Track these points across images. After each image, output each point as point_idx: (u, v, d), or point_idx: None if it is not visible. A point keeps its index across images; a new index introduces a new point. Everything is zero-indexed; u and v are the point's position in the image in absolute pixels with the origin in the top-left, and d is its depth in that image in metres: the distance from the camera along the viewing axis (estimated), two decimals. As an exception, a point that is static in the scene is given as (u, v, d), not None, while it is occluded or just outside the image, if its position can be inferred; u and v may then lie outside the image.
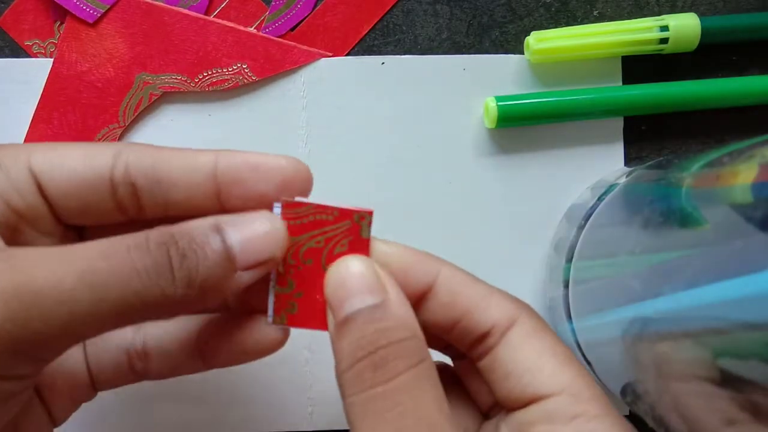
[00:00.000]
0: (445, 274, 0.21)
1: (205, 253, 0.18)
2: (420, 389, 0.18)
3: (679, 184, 0.24)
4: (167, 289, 0.17)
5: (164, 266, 0.17)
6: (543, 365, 0.20)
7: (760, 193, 0.20)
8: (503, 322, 0.20)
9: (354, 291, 0.19)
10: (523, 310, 0.21)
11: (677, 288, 0.21)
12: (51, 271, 0.16)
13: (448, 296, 0.21)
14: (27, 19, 0.30)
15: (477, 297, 0.21)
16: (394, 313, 0.19)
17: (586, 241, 0.28)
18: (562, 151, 0.32)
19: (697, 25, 0.30)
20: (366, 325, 0.18)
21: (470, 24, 0.32)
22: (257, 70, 0.31)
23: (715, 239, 0.21)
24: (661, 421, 0.24)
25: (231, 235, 0.18)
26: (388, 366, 0.18)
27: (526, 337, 0.20)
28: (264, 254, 0.19)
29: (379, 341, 0.18)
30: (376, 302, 0.19)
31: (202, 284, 0.17)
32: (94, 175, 0.19)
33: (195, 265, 0.17)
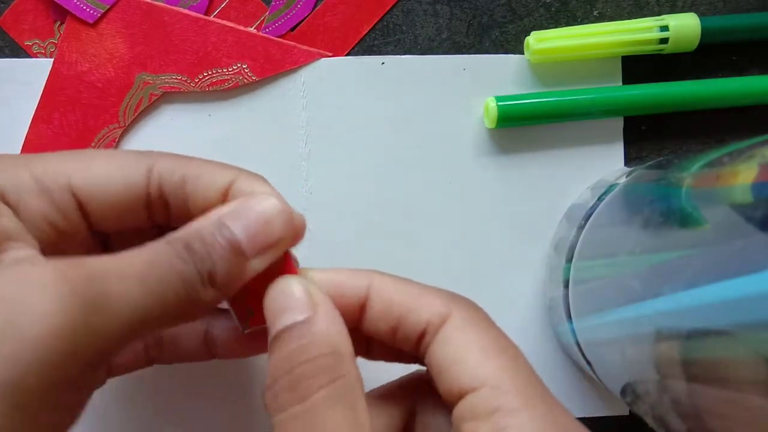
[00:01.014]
0: (376, 283, 0.21)
1: (218, 252, 0.18)
2: (333, 408, 0.18)
3: (679, 184, 0.24)
4: (199, 289, 0.18)
5: (194, 270, 0.18)
6: (467, 358, 0.19)
7: (760, 193, 0.20)
8: (435, 319, 0.20)
9: (284, 308, 0.19)
10: (455, 305, 0.21)
11: (677, 288, 0.21)
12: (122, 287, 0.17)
13: (382, 304, 0.21)
14: (27, 19, 0.30)
15: (409, 299, 0.21)
16: (316, 330, 0.19)
17: (586, 241, 0.28)
18: (562, 151, 0.32)
19: (697, 25, 0.30)
20: (289, 342, 0.19)
21: (470, 24, 0.32)
22: (257, 70, 0.31)
23: (715, 239, 0.21)
24: (661, 421, 0.24)
25: (234, 227, 0.19)
26: (305, 383, 0.18)
27: (456, 331, 0.20)
28: (271, 238, 0.19)
29: (298, 358, 0.18)
30: (301, 319, 0.19)
31: (223, 280, 0.18)
32: (130, 192, 0.20)
33: (213, 266, 0.18)
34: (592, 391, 0.32)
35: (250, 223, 0.19)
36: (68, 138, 0.30)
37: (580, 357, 0.29)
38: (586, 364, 0.29)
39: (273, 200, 0.20)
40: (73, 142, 0.30)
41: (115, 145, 0.30)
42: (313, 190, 0.31)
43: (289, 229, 0.20)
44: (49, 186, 0.19)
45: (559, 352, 0.32)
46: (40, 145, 0.30)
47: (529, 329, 0.32)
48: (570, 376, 0.32)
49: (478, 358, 0.19)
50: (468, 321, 0.20)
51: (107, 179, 0.20)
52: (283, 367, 0.18)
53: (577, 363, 0.31)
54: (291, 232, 0.20)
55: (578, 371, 0.32)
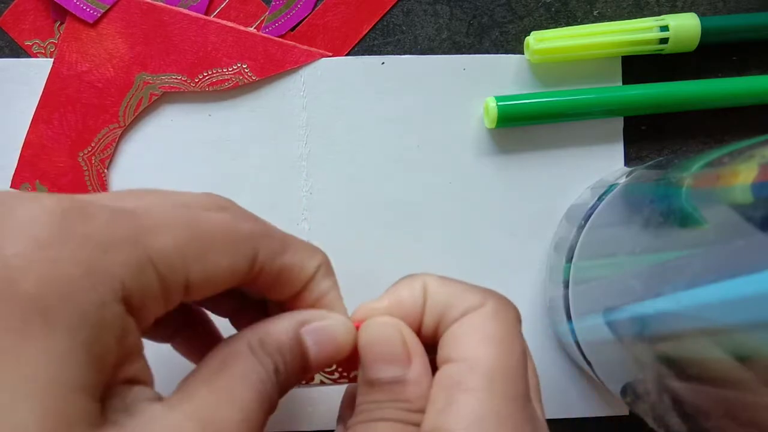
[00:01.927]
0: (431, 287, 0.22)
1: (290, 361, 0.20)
2: None
3: (679, 184, 0.24)
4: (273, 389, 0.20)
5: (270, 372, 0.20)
6: (468, 337, 0.21)
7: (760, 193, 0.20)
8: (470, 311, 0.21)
9: (382, 357, 0.21)
10: (490, 298, 0.22)
11: (677, 288, 0.21)
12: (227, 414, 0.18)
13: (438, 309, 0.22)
14: (27, 19, 0.30)
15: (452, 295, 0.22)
16: (411, 392, 0.20)
17: (586, 241, 0.28)
18: (562, 151, 0.32)
19: (697, 25, 0.30)
20: (385, 395, 0.20)
21: (470, 24, 0.32)
22: (257, 70, 0.31)
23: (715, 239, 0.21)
24: (661, 421, 0.24)
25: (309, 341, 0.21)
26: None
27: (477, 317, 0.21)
28: (335, 359, 0.21)
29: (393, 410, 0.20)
30: (397, 377, 0.21)
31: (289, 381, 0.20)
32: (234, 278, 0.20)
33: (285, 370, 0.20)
34: (592, 391, 0.32)
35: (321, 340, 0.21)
36: (68, 138, 0.30)
37: (580, 357, 0.29)
38: (586, 364, 0.29)
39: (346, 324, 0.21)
40: (73, 142, 0.30)
41: (115, 145, 0.30)
42: (313, 190, 0.31)
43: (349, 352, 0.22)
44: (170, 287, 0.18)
45: (559, 352, 0.32)
46: (40, 144, 0.30)
47: (529, 329, 0.32)
48: (570, 376, 0.32)
49: (475, 339, 0.20)
50: (491, 313, 0.21)
51: (217, 270, 0.19)
52: (378, 413, 0.20)
53: (577, 363, 0.31)
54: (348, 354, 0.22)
55: (578, 371, 0.32)
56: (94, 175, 0.30)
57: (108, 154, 0.30)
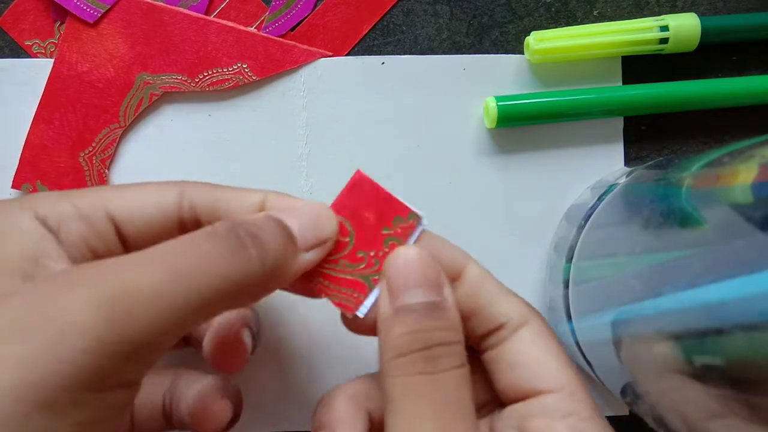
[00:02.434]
0: (472, 266, 0.22)
1: (270, 233, 0.19)
2: (459, 387, 0.20)
3: (679, 184, 0.24)
4: (247, 265, 0.18)
5: (239, 246, 0.18)
6: (548, 362, 0.21)
7: (760, 193, 0.20)
8: (517, 319, 0.22)
9: (415, 282, 0.20)
10: (535, 314, 0.22)
11: (677, 288, 0.21)
12: (140, 273, 0.17)
13: (474, 287, 0.22)
14: (27, 19, 0.30)
15: (497, 292, 0.22)
16: (450, 317, 0.20)
17: (586, 241, 0.28)
18: (562, 151, 0.32)
19: (697, 25, 0.30)
20: (424, 321, 0.20)
21: (470, 24, 0.32)
22: (257, 69, 0.31)
23: (715, 239, 0.21)
24: (661, 421, 0.24)
25: (287, 220, 0.20)
26: (439, 361, 0.19)
27: (536, 336, 0.21)
28: (320, 236, 0.21)
29: (434, 339, 0.20)
30: (435, 300, 0.20)
31: (274, 262, 0.19)
32: (164, 215, 0.21)
33: (266, 242, 0.19)
34: (592, 391, 0.32)
35: (302, 219, 0.20)
36: (69, 138, 0.30)
37: (580, 357, 0.29)
38: (586, 364, 0.29)
39: (322, 204, 0.21)
40: (73, 142, 0.30)
41: (116, 145, 0.30)
42: (313, 190, 0.31)
43: (333, 231, 0.21)
44: (88, 212, 0.20)
45: (559, 352, 0.32)
46: (41, 145, 0.30)
47: (529, 329, 0.32)
48: (570, 376, 0.32)
49: (557, 365, 0.21)
50: (545, 331, 0.22)
51: (141, 203, 0.20)
52: (422, 341, 0.19)
53: (577, 363, 0.31)
54: (335, 235, 0.21)
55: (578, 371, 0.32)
56: (95, 175, 0.30)
57: (109, 154, 0.30)
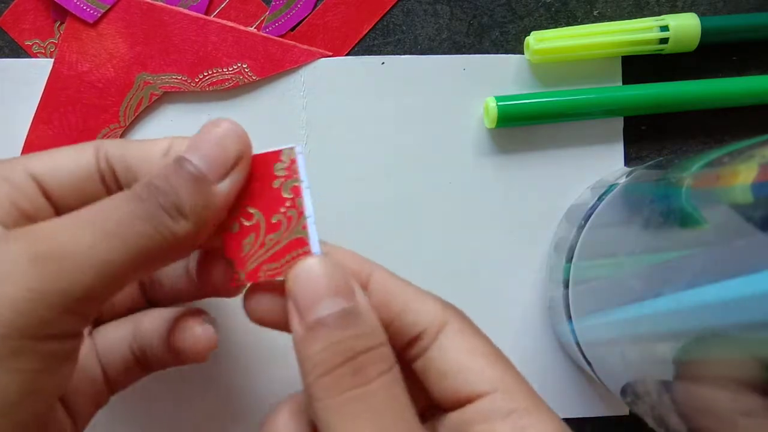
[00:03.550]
0: (379, 274, 0.21)
1: (178, 182, 0.19)
2: (394, 392, 0.19)
3: (679, 184, 0.24)
4: (167, 222, 0.19)
5: (155, 204, 0.19)
6: (475, 365, 0.20)
7: (760, 193, 0.20)
8: (435, 324, 0.21)
9: (322, 293, 0.19)
10: (452, 312, 0.21)
11: (677, 288, 0.21)
12: (69, 234, 0.18)
13: (382, 296, 0.21)
14: (27, 19, 0.30)
15: (408, 299, 0.21)
16: (368, 320, 0.19)
17: (586, 241, 0.28)
18: (562, 151, 0.32)
19: (697, 25, 0.30)
20: (341, 330, 0.19)
21: (470, 24, 0.32)
22: (257, 69, 0.31)
23: (715, 239, 0.21)
24: (661, 421, 0.24)
25: (191, 157, 0.20)
26: (366, 370, 0.18)
27: (457, 338, 0.20)
28: (229, 156, 0.20)
29: (356, 347, 0.18)
30: (347, 306, 0.19)
31: (192, 209, 0.19)
32: (84, 170, 0.21)
33: (177, 197, 0.19)
34: (592, 391, 0.32)
35: (205, 149, 0.20)
36: (69, 138, 0.30)
37: (580, 357, 0.29)
38: (586, 364, 0.29)
39: (224, 123, 0.20)
40: (73, 142, 0.30)
41: (115, 145, 0.30)
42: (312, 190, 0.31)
43: (245, 145, 0.20)
44: (8, 174, 0.20)
45: (559, 352, 0.32)
46: (40, 145, 0.30)
47: (529, 329, 0.32)
48: (570, 376, 0.32)
49: (485, 365, 0.20)
50: (466, 330, 0.21)
51: (60, 162, 0.21)
52: (343, 353, 0.18)
53: (577, 363, 0.31)
54: (248, 148, 0.21)
55: (578, 371, 0.32)
56: (94, 175, 0.30)
57: (108, 154, 0.30)
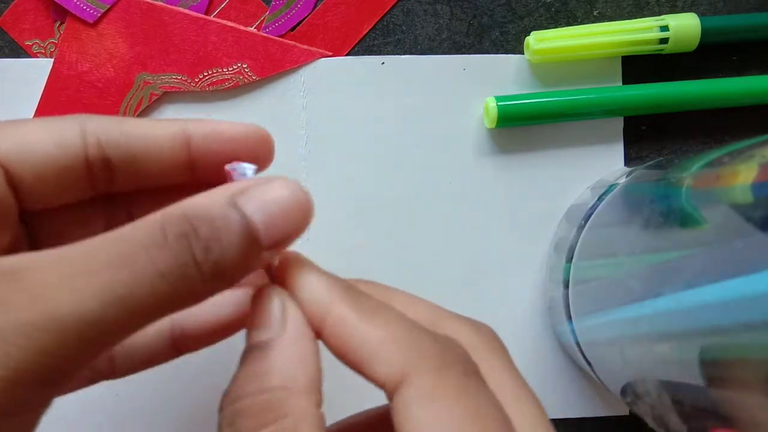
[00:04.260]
0: (334, 317, 0.17)
1: (230, 239, 0.16)
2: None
3: (679, 184, 0.24)
4: (196, 285, 0.15)
5: (190, 264, 0.15)
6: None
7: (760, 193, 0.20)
8: (389, 383, 0.16)
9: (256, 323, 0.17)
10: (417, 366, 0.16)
11: (677, 288, 0.21)
12: (72, 291, 0.14)
13: (338, 344, 0.17)
14: (27, 19, 0.30)
15: (365, 349, 0.17)
16: (273, 356, 0.16)
17: (586, 241, 0.28)
18: (562, 151, 0.32)
19: (697, 25, 0.30)
20: (247, 365, 0.16)
21: (470, 24, 0.32)
22: (257, 69, 0.31)
23: (715, 239, 0.21)
24: (661, 421, 0.24)
25: (251, 211, 0.16)
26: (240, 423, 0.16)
27: (412, 405, 0.16)
28: (291, 230, 0.17)
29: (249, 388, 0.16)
30: (264, 339, 0.17)
31: (231, 273, 0.16)
32: (67, 156, 0.17)
33: (221, 256, 0.15)
34: (592, 391, 0.32)
35: (267, 208, 0.16)
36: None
37: (580, 357, 0.29)
38: (586, 364, 0.29)
39: (294, 184, 0.17)
40: (73, 142, 0.30)
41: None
42: (313, 191, 0.31)
43: (308, 220, 0.17)
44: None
45: (559, 352, 0.32)
46: (40, 145, 0.30)
47: (529, 329, 0.32)
48: (570, 376, 0.32)
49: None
50: (429, 390, 0.16)
51: (39, 145, 0.17)
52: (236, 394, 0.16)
53: (577, 363, 0.31)
54: (307, 224, 0.17)
55: (578, 371, 0.32)
56: (94, 175, 0.30)
57: (108, 154, 0.30)
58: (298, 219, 0.17)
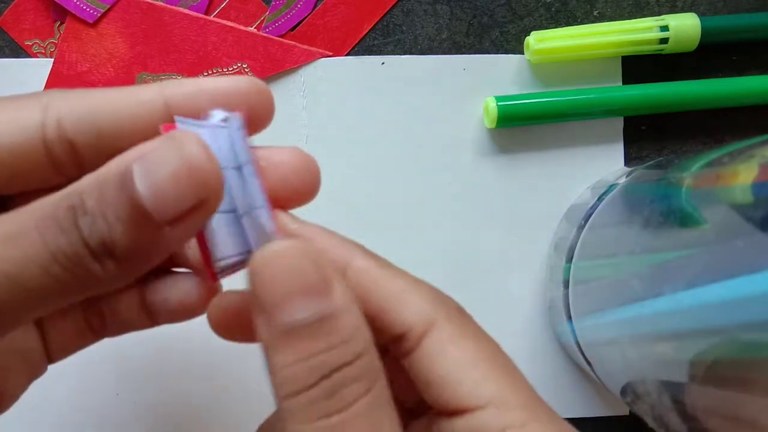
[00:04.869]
0: (359, 263, 0.18)
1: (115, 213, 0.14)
2: (378, 415, 0.16)
3: (679, 184, 0.24)
4: (91, 267, 0.14)
5: (79, 243, 0.14)
6: (464, 377, 0.17)
7: (760, 193, 0.20)
8: (419, 326, 0.17)
9: (294, 292, 0.15)
10: (442, 312, 0.18)
11: (677, 288, 0.21)
12: None
13: (360, 291, 0.18)
14: (27, 19, 0.30)
15: (390, 295, 0.18)
16: (346, 324, 0.16)
17: (586, 241, 0.28)
18: (562, 151, 0.32)
19: (697, 25, 0.30)
20: (313, 342, 0.15)
21: (470, 24, 0.32)
22: (257, 69, 0.31)
23: (715, 239, 0.21)
24: (661, 421, 0.24)
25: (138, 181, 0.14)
26: (343, 393, 0.15)
27: (445, 344, 0.17)
28: (187, 202, 0.14)
29: (330, 362, 0.15)
30: (322, 309, 0.15)
31: (126, 253, 0.14)
32: (22, 137, 0.16)
33: (108, 233, 0.14)
34: (592, 391, 0.32)
35: (156, 177, 0.14)
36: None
37: (580, 357, 0.29)
38: (586, 364, 0.29)
39: (192, 147, 0.14)
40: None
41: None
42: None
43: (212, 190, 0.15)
44: None
45: (559, 352, 0.32)
46: (40, 145, 0.30)
47: (529, 329, 0.32)
48: (570, 376, 0.32)
49: (477, 376, 0.17)
50: (456, 333, 0.18)
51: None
52: (317, 371, 0.15)
53: (577, 363, 0.31)
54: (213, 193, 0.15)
55: (578, 371, 0.32)
56: (94, 175, 0.30)
57: (108, 154, 0.30)
58: (193, 189, 0.14)
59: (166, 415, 0.31)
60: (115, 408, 0.30)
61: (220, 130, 0.16)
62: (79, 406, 0.30)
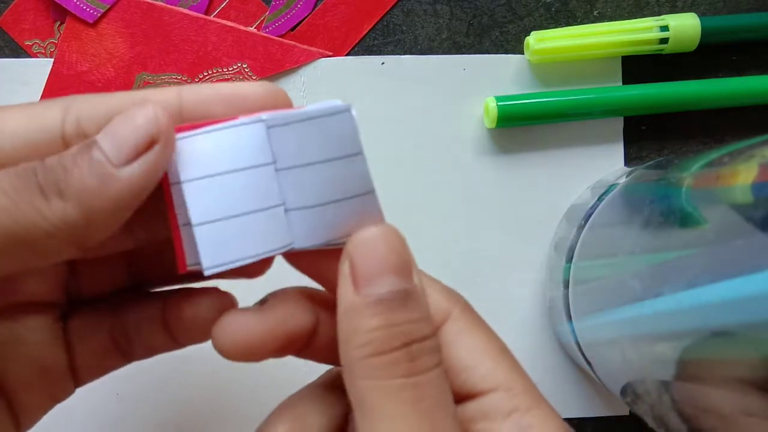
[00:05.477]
0: None
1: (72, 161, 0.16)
2: (443, 388, 0.18)
3: (679, 184, 0.24)
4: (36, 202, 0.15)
5: (30, 179, 0.15)
6: (477, 364, 0.19)
7: (760, 193, 0.20)
8: (437, 317, 0.20)
9: (386, 268, 0.18)
10: (456, 306, 0.20)
11: (677, 288, 0.21)
12: None
13: None
14: (27, 19, 0.30)
15: None
16: (424, 306, 0.18)
17: (586, 241, 0.28)
18: (562, 151, 0.32)
19: (697, 25, 0.30)
20: (400, 313, 0.17)
21: (470, 24, 0.32)
22: (257, 69, 0.31)
23: (715, 239, 0.21)
24: (661, 421, 0.24)
25: (99, 137, 0.16)
26: (420, 360, 0.17)
27: (459, 334, 0.20)
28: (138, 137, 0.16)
29: (412, 333, 0.17)
30: (408, 288, 0.18)
31: (77, 191, 0.15)
32: (42, 134, 0.17)
33: (62, 173, 0.15)
34: (592, 391, 0.32)
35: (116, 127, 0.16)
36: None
37: (580, 357, 0.29)
38: (586, 364, 0.29)
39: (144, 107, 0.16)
40: (73, 142, 0.30)
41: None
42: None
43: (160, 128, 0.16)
44: None
45: (559, 352, 0.32)
46: (40, 145, 0.30)
47: (529, 329, 0.32)
48: (570, 376, 0.32)
49: (488, 363, 0.19)
50: (469, 324, 0.20)
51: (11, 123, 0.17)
52: (400, 338, 0.17)
53: (577, 363, 0.31)
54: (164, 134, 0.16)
55: (578, 371, 0.32)
56: (94, 175, 0.30)
57: (108, 154, 0.30)
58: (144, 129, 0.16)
59: (166, 416, 0.31)
60: (116, 408, 0.30)
61: (244, 128, 0.17)
62: (79, 406, 0.30)
